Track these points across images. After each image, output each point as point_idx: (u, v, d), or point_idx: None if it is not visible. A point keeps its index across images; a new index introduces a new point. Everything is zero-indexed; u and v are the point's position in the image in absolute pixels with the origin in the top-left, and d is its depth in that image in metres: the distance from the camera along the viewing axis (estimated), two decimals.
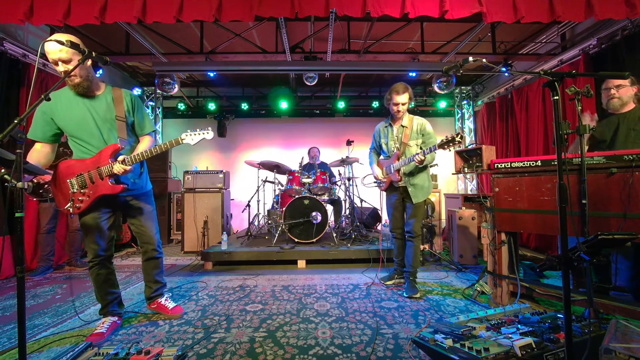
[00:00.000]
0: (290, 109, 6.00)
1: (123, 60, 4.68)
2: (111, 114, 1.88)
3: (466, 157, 2.75)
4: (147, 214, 2.10)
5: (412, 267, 2.64)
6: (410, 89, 2.59)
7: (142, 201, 2.08)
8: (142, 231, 2.11)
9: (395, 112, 2.62)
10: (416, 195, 2.57)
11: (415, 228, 2.61)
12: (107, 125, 1.88)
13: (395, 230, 2.81)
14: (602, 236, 1.28)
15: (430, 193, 2.65)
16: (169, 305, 2.24)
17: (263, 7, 2.67)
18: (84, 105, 1.84)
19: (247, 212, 4.50)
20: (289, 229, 3.71)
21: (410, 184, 2.59)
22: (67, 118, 1.82)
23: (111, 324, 1.99)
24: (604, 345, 1.32)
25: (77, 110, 1.83)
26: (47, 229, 3.38)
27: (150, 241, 2.13)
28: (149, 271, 2.20)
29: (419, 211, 2.62)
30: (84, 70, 1.75)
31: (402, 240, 2.79)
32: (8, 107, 3.27)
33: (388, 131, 2.73)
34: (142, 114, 2.01)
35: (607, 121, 2.26)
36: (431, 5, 2.68)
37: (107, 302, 2.01)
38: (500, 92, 5.33)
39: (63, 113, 1.81)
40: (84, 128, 1.84)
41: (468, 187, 6.21)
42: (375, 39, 4.09)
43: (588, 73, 3.44)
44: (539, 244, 4.17)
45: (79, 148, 1.88)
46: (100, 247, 1.93)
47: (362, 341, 1.85)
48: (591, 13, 2.67)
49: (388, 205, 2.83)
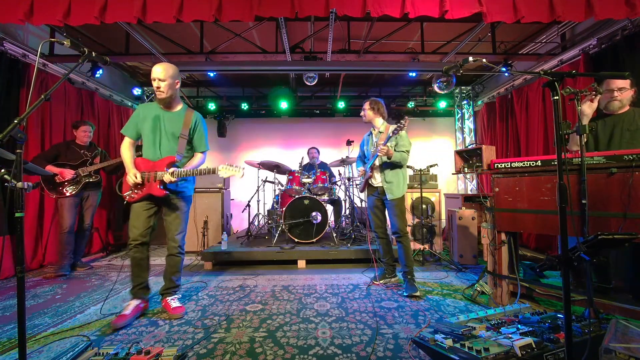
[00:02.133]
0: (290, 109, 6.00)
1: (123, 60, 4.68)
2: (178, 130, 2.25)
3: (466, 157, 2.76)
4: (180, 214, 2.33)
5: (407, 267, 2.68)
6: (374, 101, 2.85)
7: (180, 202, 2.32)
8: (170, 228, 2.32)
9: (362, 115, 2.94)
10: (390, 191, 2.70)
11: (400, 226, 2.71)
12: (170, 138, 2.24)
13: (377, 230, 2.92)
14: (602, 236, 1.28)
15: (404, 192, 2.75)
16: (172, 305, 2.28)
17: (263, 7, 2.67)
18: (160, 117, 2.24)
19: (247, 212, 4.50)
20: (289, 229, 3.71)
21: (386, 182, 2.73)
22: (145, 124, 2.24)
23: (135, 307, 2.18)
24: (604, 345, 1.32)
25: (153, 120, 2.23)
26: (69, 228, 3.33)
27: (174, 239, 2.33)
28: (168, 268, 2.37)
29: (399, 209, 2.72)
30: (172, 89, 2.20)
31: (386, 239, 2.92)
32: (8, 107, 3.26)
33: (369, 139, 2.95)
34: (200, 135, 2.35)
35: (603, 122, 2.26)
36: (431, 5, 2.68)
37: (135, 284, 2.25)
38: (500, 92, 5.33)
39: (144, 119, 2.24)
40: (152, 135, 2.23)
41: (468, 187, 6.21)
42: (375, 39, 4.09)
43: (588, 73, 3.44)
44: (539, 244, 4.16)
45: (145, 150, 2.27)
46: (139, 232, 2.20)
47: (362, 341, 1.85)
48: (591, 13, 2.67)
49: (368, 207, 2.96)
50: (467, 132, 6.26)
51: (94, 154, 3.58)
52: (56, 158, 3.35)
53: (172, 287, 2.36)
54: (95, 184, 3.57)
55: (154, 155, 2.24)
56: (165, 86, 2.15)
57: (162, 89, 2.16)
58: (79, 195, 3.45)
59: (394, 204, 2.71)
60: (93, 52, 1.54)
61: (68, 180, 3.32)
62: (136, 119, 2.26)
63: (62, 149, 3.42)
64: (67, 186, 3.34)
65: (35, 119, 3.58)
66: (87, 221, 3.58)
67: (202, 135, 2.36)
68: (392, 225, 2.78)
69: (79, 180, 3.42)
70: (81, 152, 3.49)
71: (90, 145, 3.62)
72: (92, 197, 3.60)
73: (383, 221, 2.91)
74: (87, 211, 3.57)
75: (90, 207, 3.59)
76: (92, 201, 3.61)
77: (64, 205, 3.33)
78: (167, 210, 2.31)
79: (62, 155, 3.38)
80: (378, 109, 2.83)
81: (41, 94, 1.36)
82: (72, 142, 3.54)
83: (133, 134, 2.28)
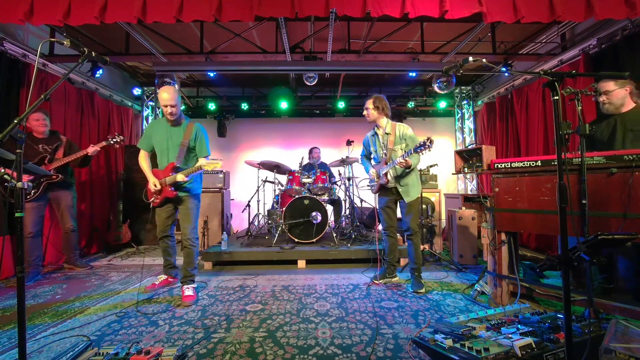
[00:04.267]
0: (290, 109, 6.00)
1: (123, 60, 4.68)
2: (180, 140, 2.58)
3: (466, 157, 2.76)
4: (189, 210, 2.63)
5: (415, 263, 2.72)
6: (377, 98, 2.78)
7: (188, 200, 2.64)
8: (182, 223, 2.65)
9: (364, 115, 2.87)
10: (407, 193, 2.69)
11: (413, 225, 2.72)
12: (175, 148, 2.58)
13: (388, 229, 2.89)
14: (602, 236, 1.28)
15: (420, 191, 2.77)
16: (185, 293, 2.53)
17: (263, 7, 2.67)
18: (167, 131, 2.60)
19: (247, 212, 4.50)
20: (289, 229, 3.71)
21: (401, 185, 2.70)
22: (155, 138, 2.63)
23: (164, 280, 2.81)
24: (604, 345, 1.32)
25: (162, 135, 2.60)
26: (32, 234, 3.03)
27: (185, 232, 2.63)
28: (184, 259, 2.66)
29: (414, 208, 2.72)
30: (179, 109, 2.57)
31: (394, 239, 2.91)
32: (8, 107, 3.26)
33: (375, 140, 2.89)
34: (201, 142, 2.65)
35: (607, 122, 2.25)
36: (431, 5, 2.67)
37: (165, 264, 2.83)
38: (500, 92, 5.33)
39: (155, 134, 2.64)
40: (161, 147, 2.61)
41: (468, 187, 6.21)
42: (375, 39, 4.09)
43: (588, 73, 3.44)
44: (539, 244, 4.16)
45: (158, 161, 2.66)
46: (160, 229, 2.70)
47: (362, 341, 1.85)
48: (591, 13, 2.67)
49: (380, 206, 2.93)
50: (467, 132, 6.26)
51: (55, 147, 3.12)
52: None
53: (187, 276, 2.62)
54: (61, 184, 3.16)
55: (162, 165, 2.62)
56: (175, 109, 2.52)
57: (174, 113, 2.52)
58: (41, 199, 3.08)
59: (410, 204, 2.70)
60: (93, 52, 1.54)
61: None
62: (149, 133, 2.66)
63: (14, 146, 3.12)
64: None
65: None
66: (68, 224, 3.30)
67: (203, 142, 2.66)
68: (404, 223, 2.77)
69: (37, 181, 3.00)
70: (39, 146, 3.06)
71: (50, 136, 3.18)
72: (64, 198, 3.25)
73: (395, 221, 2.89)
74: (64, 214, 3.26)
75: (66, 209, 3.26)
76: (66, 202, 3.26)
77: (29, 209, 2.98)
78: (180, 207, 2.67)
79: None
80: (382, 107, 2.74)
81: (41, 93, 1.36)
82: (28, 135, 3.06)
83: (146, 147, 2.67)
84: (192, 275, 2.64)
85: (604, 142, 2.24)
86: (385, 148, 2.77)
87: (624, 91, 2.16)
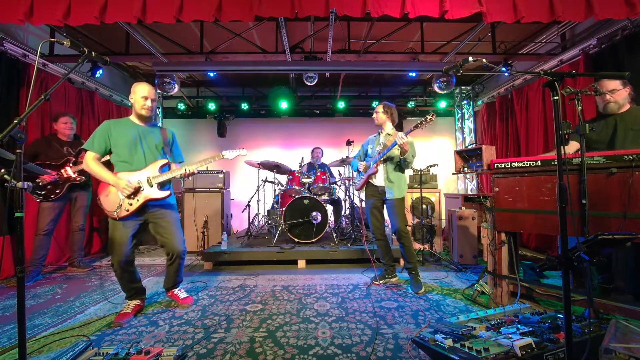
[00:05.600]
0: (290, 109, 5.99)
1: (123, 60, 4.68)
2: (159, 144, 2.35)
3: (466, 157, 2.75)
4: (177, 220, 2.41)
5: (410, 263, 2.74)
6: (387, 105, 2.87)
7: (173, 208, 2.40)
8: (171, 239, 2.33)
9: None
10: (391, 190, 2.73)
11: (401, 227, 2.73)
12: (153, 150, 2.31)
13: (375, 232, 2.92)
14: (602, 236, 1.28)
15: (404, 193, 2.79)
16: (181, 295, 2.45)
17: (263, 7, 2.67)
18: (138, 131, 2.28)
19: (247, 212, 4.50)
20: (289, 229, 3.71)
21: (389, 180, 2.75)
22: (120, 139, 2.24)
23: (136, 305, 2.29)
24: (604, 345, 1.32)
25: (130, 135, 2.25)
26: (46, 231, 3.15)
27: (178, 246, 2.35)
28: (174, 271, 2.44)
29: (398, 209, 2.74)
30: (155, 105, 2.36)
31: (384, 241, 2.92)
32: (8, 107, 3.26)
33: (375, 139, 2.97)
34: (177, 147, 2.51)
35: (606, 122, 2.26)
36: (431, 5, 2.68)
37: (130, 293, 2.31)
38: (500, 92, 5.33)
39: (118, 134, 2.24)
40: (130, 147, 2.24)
41: (468, 187, 6.21)
42: (375, 39, 4.09)
43: (588, 73, 3.44)
44: (539, 244, 4.16)
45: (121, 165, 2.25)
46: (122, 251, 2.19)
47: (362, 341, 1.85)
48: (591, 13, 2.67)
49: (367, 208, 2.96)
50: (467, 132, 6.25)
51: (78, 150, 3.27)
52: (35, 157, 3.09)
53: (178, 281, 2.50)
54: (82, 185, 3.34)
55: (138, 166, 2.25)
56: (154, 105, 2.33)
57: (153, 108, 2.33)
58: (64, 199, 3.23)
59: (394, 204, 2.73)
60: (93, 52, 1.54)
61: (50, 183, 3.08)
62: (105, 134, 2.21)
63: (42, 147, 3.15)
64: (50, 189, 3.10)
65: (35, 119, 3.57)
66: (79, 222, 3.42)
67: (178, 147, 2.55)
68: (392, 225, 2.80)
69: (62, 182, 3.16)
70: (63, 149, 3.22)
71: (74, 140, 3.33)
72: (81, 198, 3.41)
73: (382, 222, 2.92)
74: (77, 212, 3.40)
75: (80, 208, 3.41)
76: (82, 202, 3.41)
77: (43, 208, 3.13)
78: (162, 221, 2.30)
79: (42, 153, 3.12)
80: (391, 113, 2.84)
81: (41, 93, 1.36)
82: (54, 137, 3.24)
83: (100, 149, 2.21)
84: (181, 280, 2.53)
85: (603, 142, 2.25)
86: (382, 146, 2.83)
87: (626, 91, 2.20)
